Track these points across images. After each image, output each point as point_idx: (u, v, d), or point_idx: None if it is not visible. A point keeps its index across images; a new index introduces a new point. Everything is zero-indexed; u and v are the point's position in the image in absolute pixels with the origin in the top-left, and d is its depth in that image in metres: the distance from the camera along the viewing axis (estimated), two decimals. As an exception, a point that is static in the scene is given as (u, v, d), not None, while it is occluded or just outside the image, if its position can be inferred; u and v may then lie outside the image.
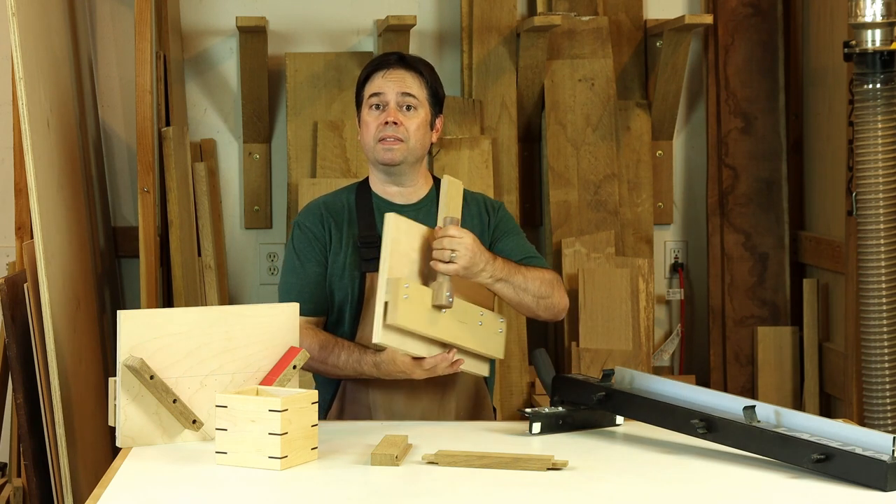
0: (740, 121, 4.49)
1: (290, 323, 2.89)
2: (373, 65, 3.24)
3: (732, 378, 4.47)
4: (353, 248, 3.19)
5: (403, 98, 3.18)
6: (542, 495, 2.44)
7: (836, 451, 2.49)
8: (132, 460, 2.67)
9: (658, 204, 4.53)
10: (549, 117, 4.40)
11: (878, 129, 3.71)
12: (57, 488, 3.33)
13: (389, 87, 3.18)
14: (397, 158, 3.17)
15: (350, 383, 3.18)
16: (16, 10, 3.13)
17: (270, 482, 2.52)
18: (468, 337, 3.06)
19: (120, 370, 2.74)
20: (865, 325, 3.77)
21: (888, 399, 3.75)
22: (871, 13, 3.67)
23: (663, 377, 2.92)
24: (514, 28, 4.38)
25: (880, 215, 3.74)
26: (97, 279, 3.95)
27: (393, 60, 3.22)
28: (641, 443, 2.84)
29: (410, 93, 3.18)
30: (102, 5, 4.34)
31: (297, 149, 4.33)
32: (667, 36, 4.30)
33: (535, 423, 2.88)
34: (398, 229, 3.00)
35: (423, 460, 2.64)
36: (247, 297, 4.45)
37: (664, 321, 4.59)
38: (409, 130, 3.17)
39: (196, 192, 4.27)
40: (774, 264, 4.49)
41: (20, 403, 3.34)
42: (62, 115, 3.59)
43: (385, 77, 3.19)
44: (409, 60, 3.23)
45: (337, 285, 3.20)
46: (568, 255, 4.29)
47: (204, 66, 4.43)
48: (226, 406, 2.62)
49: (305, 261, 3.20)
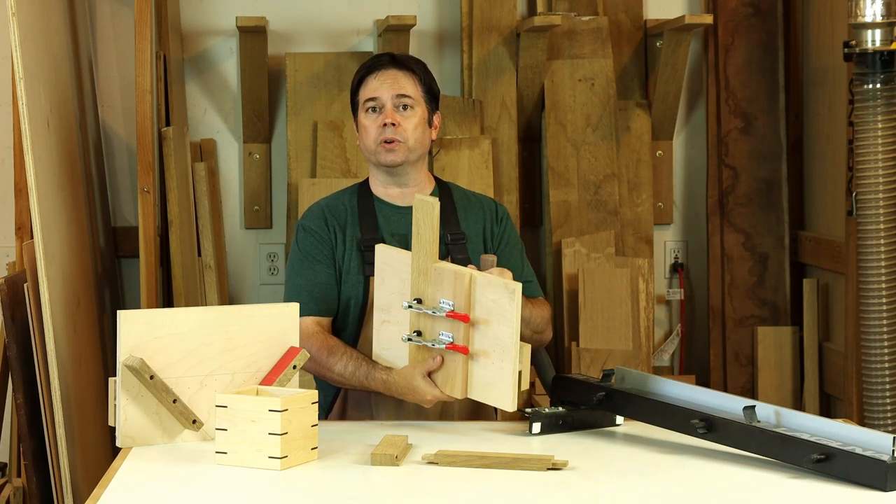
0: (740, 121, 4.49)
1: (290, 323, 2.89)
2: (364, 68, 3.24)
3: (732, 378, 4.47)
4: (357, 251, 3.19)
5: (399, 99, 3.18)
6: (542, 495, 2.44)
7: (836, 451, 2.49)
8: (132, 460, 2.67)
9: (658, 204, 4.53)
10: (549, 117, 4.40)
11: (878, 129, 3.71)
12: (57, 488, 3.33)
13: (384, 89, 3.18)
14: (399, 159, 3.17)
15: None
16: (16, 10, 3.13)
17: (270, 482, 2.52)
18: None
19: (120, 370, 2.74)
20: (865, 325, 3.77)
21: (888, 399, 3.75)
22: (871, 13, 3.67)
23: (663, 377, 2.93)
24: (514, 28, 4.38)
25: (880, 215, 3.74)
26: (97, 279, 3.95)
27: (384, 61, 3.22)
28: (641, 443, 2.84)
29: (405, 93, 3.18)
30: (102, 5, 4.34)
31: (297, 149, 4.33)
32: (667, 36, 4.30)
33: (535, 423, 2.88)
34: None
35: (423, 460, 2.64)
36: (247, 297, 4.45)
37: (664, 321, 4.58)
38: (407, 130, 3.17)
39: (196, 192, 4.27)
40: (774, 264, 4.49)
41: (20, 403, 3.34)
42: (62, 115, 3.58)
43: (378, 79, 3.19)
44: (401, 60, 3.23)
45: (341, 288, 3.20)
46: (568, 255, 4.29)
47: (204, 66, 4.43)
48: (226, 406, 2.62)
49: (314, 262, 3.20)
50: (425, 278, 2.91)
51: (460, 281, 2.87)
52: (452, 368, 2.90)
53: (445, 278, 2.89)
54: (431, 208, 2.91)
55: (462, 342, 2.86)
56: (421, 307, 2.91)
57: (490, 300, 2.84)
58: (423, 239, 2.92)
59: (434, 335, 2.91)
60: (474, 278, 2.87)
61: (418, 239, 2.93)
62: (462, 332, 2.87)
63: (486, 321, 2.84)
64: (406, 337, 2.93)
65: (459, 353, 2.87)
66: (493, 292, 2.84)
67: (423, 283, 2.92)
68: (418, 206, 2.93)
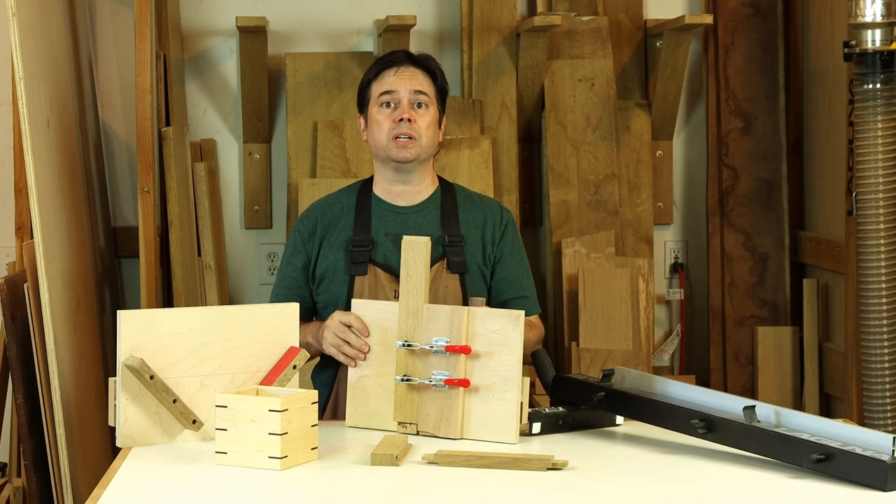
0: (740, 121, 4.49)
1: (290, 323, 2.89)
2: (381, 63, 3.23)
3: (732, 378, 4.47)
4: (345, 251, 3.19)
5: (416, 96, 3.17)
6: (542, 495, 2.44)
7: (836, 451, 2.49)
8: (132, 460, 2.67)
9: (658, 204, 4.53)
10: (549, 117, 4.40)
11: (878, 129, 3.71)
12: (57, 488, 3.33)
13: (402, 85, 3.17)
14: (411, 156, 3.16)
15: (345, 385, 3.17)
16: (16, 10, 3.13)
17: (270, 482, 2.52)
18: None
19: (120, 370, 2.74)
20: (865, 325, 3.77)
21: (888, 399, 3.75)
22: (871, 13, 3.67)
23: (663, 377, 2.92)
24: (514, 28, 4.38)
25: (880, 215, 3.74)
26: (97, 279, 3.95)
27: (402, 58, 3.22)
28: (641, 443, 2.84)
29: (422, 90, 3.18)
30: (102, 5, 4.34)
31: (297, 149, 4.33)
32: (667, 36, 4.30)
33: (535, 423, 2.88)
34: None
35: (423, 460, 2.64)
36: (247, 297, 4.45)
37: (664, 321, 4.58)
38: (421, 128, 3.17)
39: (196, 192, 4.27)
40: (774, 264, 4.49)
41: (20, 403, 3.34)
42: (62, 115, 3.58)
43: (397, 75, 3.18)
44: (419, 58, 3.23)
45: (325, 286, 3.20)
46: (568, 255, 4.29)
47: (204, 66, 4.43)
48: (226, 406, 2.62)
49: (286, 263, 3.27)
50: (415, 320, 2.89)
51: (458, 316, 2.85)
52: (447, 408, 2.85)
53: (440, 316, 2.86)
54: (423, 248, 2.90)
55: (460, 377, 2.85)
56: (416, 344, 2.88)
57: (491, 332, 2.84)
58: (413, 280, 2.90)
59: (427, 376, 2.88)
60: (472, 312, 2.86)
61: (408, 280, 2.90)
62: (460, 368, 2.85)
63: (487, 353, 2.83)
64: (400, 378, 2.89)
65: (458, 387, 2.84)
66: (495, 323, 2.84)
67: (412, 325, 2.89)
68: (408, 247, 2.91)
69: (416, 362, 2.88)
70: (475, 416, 2.84)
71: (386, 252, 3.18)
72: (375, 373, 2.94)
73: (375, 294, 3.14)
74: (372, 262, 3.17)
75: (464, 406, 2.84)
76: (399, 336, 2.89)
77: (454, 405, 2.84)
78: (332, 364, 3.19)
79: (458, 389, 2.84)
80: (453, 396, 2.84)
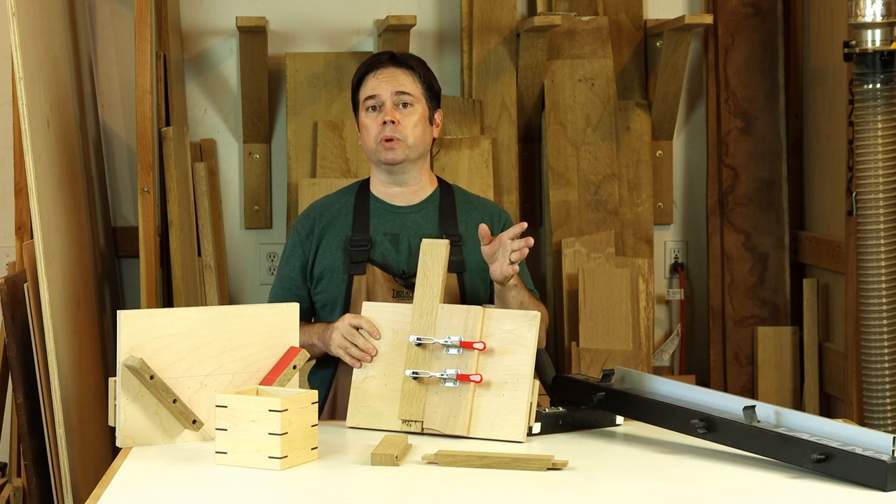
0: (740, 121, 4.49)
1: (290, 323, 2.89)
2: (364, 67, 3.25)
3: (732, 378, 4.47)
4: (343, 251, 3.20)
5: (398, 97, 3.18)
6: (542, 495, 2.44)
7: (836, 451, 2.49)
8: (132, 460, 2.67)
9: (658, 204, 4.53)
10: (549, 117, 4.40)
11: (878, 129, 3.71)
12: (57, 488, 3.33)
13: (383, 88, 3.18)
14: (399, 157, 3.17)
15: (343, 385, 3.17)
16: (16, 10, 3.13)
17: (270, 482, 2.52)
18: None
19: (120, 370, 2.74)
20: (865, 325, 3.77)
21: (888, 399, 3.75)
22: (871, 13, 3.67)
23: (663, 377, 2.92)
24: (514, 28, 4.38)
25: (880, 215, 3.74)
26: (97, 279, 3.95)
27: (383, 60, 3.23)
28: (641, 443, 2.84)
29: (404, 90, 3.19)
30: (102, 5, 4.34)
31: (297, 149, 4.33)
32: (667, 36, 4.30)
33: (535, 423, 2.88)
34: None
35: (423, 460, 2.64)
36: (247, 297, 4.45)
37: (664, 321, 4.58)
38: (406, 128, 3.17)
39: (196, 192, 4.27)
40: (774, 264, 4.49)
41: (20, 403, 3.34)
42: (62, 115, 3.58)
43: (377, 78, 3.20)
44: (400, 58, 3.24)
45: (324, 286, 3.20)
46: (568, 255, 4.29)
47: (204, 66, 4.43)
48: (226, 406, 2.62)
49: (284, 263, 3.28)
50: (429, 319, 2.90)
51: (473, 315, 2.87)
52: (456, 405, 2.86)
53: (455, 315, 2.89)
54: (442, 250, 2.93)
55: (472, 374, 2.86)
56: (430, 338, 2.89)
57: (505, 331, 2.85)
58: (429, 281, 2.92)
59: (437, 373, 2.89)
60: (488, 313, 2.87)
61: (424, 281, 2.92)
62: (471, 366, 2.85)
63: (501, 351, 2.84)
64: (411, 373, 2.90)
65: (468, 384, 2.84)
66: (510, 323, 2.85)
67: (425, 323, 2.90)
68: (427, 249, 2.94)
69: (427, 359, 2.89)
70: (484, 412, 2.84)
71: (384, 252, 3.18)
72: (381, 374, 2.95)
73: (374, 293, 3.15)
74: (370, 262, 3.17)
75: (473, 403, 2.85)
76: (412, 332, 2.91)
77: (463, 402, 2.85)
78: (330, 363, 3.20)
79: (468, 385, 2.84)
80: (463, 393, 2.85)
